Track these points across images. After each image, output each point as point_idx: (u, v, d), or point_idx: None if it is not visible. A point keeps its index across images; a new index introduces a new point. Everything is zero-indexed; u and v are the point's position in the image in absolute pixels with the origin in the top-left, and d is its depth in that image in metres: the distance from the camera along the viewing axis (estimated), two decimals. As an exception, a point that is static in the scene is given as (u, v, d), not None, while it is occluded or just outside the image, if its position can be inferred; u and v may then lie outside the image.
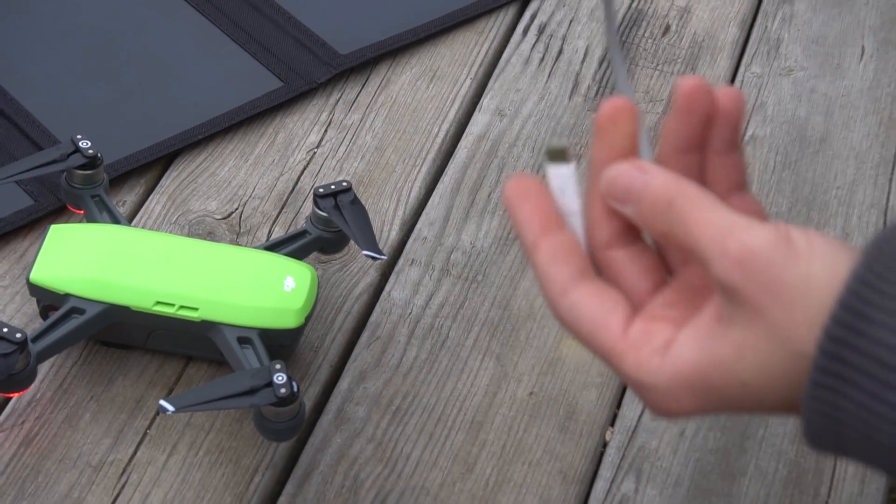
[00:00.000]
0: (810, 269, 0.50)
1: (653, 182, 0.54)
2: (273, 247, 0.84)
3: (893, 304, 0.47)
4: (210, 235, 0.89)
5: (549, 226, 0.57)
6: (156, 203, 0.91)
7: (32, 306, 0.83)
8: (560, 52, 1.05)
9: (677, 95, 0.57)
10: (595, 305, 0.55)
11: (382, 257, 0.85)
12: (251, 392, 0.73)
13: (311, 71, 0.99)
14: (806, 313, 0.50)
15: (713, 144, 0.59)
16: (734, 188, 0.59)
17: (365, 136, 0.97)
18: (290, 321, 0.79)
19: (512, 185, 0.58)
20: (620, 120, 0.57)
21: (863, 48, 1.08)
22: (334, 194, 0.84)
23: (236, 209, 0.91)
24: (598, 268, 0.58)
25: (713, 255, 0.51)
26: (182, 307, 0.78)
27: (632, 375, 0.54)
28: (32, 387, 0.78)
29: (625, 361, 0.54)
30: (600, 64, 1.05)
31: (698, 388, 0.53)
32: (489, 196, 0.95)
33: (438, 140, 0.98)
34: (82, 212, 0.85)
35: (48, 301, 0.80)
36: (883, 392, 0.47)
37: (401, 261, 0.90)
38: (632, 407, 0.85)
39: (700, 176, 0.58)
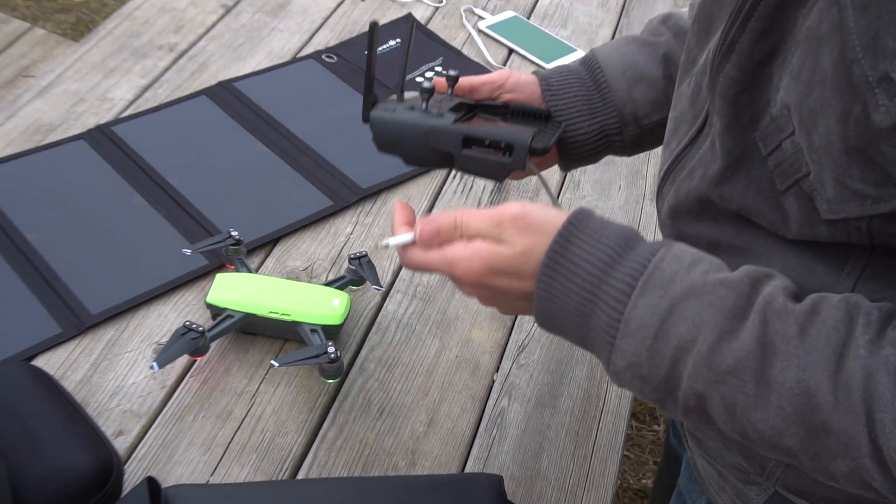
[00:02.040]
0: (548, 215, 0.49)
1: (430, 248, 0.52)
2: (327, 284, 0.85)
3: (580, 239, 0.47)
4: (297, 278, 0.89)
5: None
6: (270, 262, 0.91)
7: (207, 315, 0.83)
8: (472, 187, 1.05)
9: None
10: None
11: (381, 288, 0.87)
12: (317, 356, 0.75)
13: (346, 196, 0.99)
14: (556, 221, 0.48)
15: None
16: None
17: (374, 229, 0.97)
18: (336, 321, 0.80)
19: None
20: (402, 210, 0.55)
21: (620, 185, 1.09)
22: (359, 258, 0.86)
23: (310, 265, 0.91)
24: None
25: (502, 216, 0.49)
26: (282, 314, 0.79)
27: (450, 257, 0.51)
28: (207, 354, 0.79)
29: (450, 251, 0.51)
30: (490, 193, 1.05)
31: (493, 251, 0.49)
32: (436, 258, 0.96)
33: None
34: (233, 267, 0.86)
35: (215, 311, 0.81)
36: (573, 277, 0.47)
37: (392, 291, 0.91)
38: (507, 364, 0.85)
39: None
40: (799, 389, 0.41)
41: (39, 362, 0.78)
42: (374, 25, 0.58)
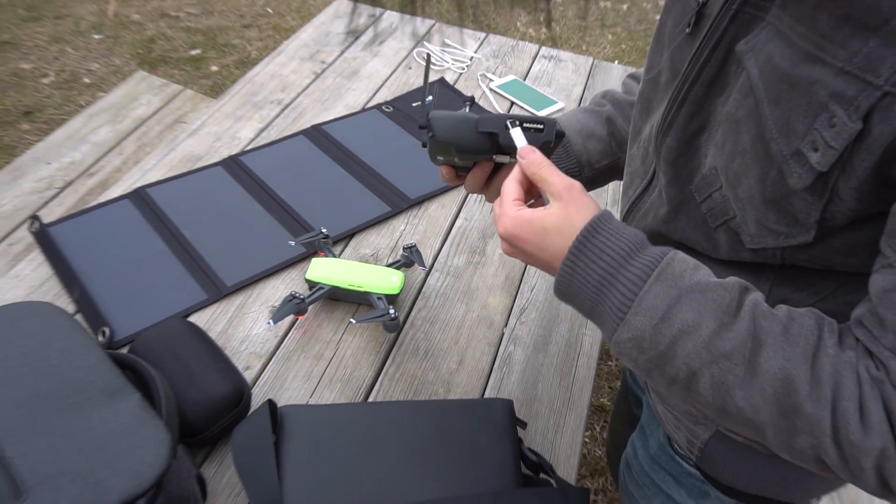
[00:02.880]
0: (588, 202, 0.44)
1: (532, 156, 0.47)
2: (388, 265, 0.83)
3: (604, 233, 0.42)
4: (366, 261, 0.88)
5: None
6: (348, 250, 0.90)
7: (305, 287, 0.82)
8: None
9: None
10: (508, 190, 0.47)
11: (426, 269, 0.86)
12: (382, 316, 0.74)
13: (399, 203, 0.97)
14: (583, 216, 0.43)
15: None
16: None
17: (419, 227, 0.95)
18: (395, 291, 0.79)
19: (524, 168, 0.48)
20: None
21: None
22: (410, 247, 0.84)
23: (375, 252, 0.90)
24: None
25: (557, 187, 0.44)
26: (358, 286, 0.78)
27: (507, 208, 0.46)
28: (306, 314, 0.79)
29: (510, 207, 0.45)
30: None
31: (525, 221, 0.44)
32: (463, 247, 0.94)
33: (444, 229, 0.96)
34: (323, 253, 0.85)
35: (311, 284, 0.80)
36: (597, 260, 0.42)
37: (432, 270, 0.89)
38: (513, 321, 0.83)
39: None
40: (781, 375, 0.37)
41: (193, 318, 0.78)
42: (429, 56, 0.56)
